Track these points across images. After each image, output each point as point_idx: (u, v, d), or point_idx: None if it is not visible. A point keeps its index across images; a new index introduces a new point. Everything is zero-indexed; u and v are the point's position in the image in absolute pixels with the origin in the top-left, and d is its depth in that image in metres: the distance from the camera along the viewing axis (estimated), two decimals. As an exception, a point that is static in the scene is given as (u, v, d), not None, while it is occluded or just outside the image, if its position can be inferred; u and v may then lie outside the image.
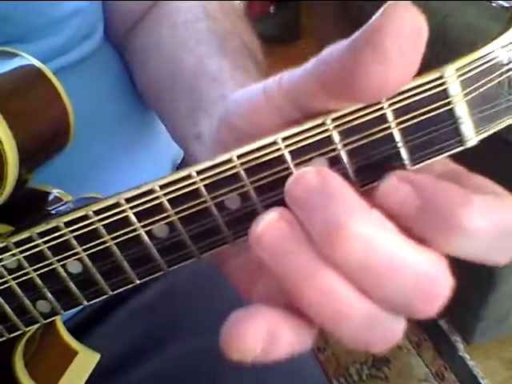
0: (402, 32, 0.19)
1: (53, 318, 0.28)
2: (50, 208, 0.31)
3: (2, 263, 0.26)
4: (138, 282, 0.26)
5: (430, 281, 0.20)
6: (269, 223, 0.21)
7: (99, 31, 0.46)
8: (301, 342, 0.22)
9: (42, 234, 0.25)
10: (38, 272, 0.26)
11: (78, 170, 0.43)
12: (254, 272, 0.26)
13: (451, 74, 0.21)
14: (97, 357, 0.38)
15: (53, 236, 0.25)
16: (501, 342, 1.17)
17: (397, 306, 0.21)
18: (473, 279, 1.05)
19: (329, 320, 0.21)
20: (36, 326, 0.29)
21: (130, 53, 0.47)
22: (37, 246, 0.26)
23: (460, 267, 0.21)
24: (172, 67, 0.40)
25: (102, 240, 0.25)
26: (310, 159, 0.23)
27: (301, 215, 0.21)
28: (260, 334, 0.21)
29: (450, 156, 0.23)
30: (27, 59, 0.32)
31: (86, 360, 0.38)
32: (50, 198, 0.33)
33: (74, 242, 0.25)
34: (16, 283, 0.27)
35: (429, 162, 0.22)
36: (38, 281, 0.27)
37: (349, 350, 1.18)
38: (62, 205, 0.31)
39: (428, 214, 0.20)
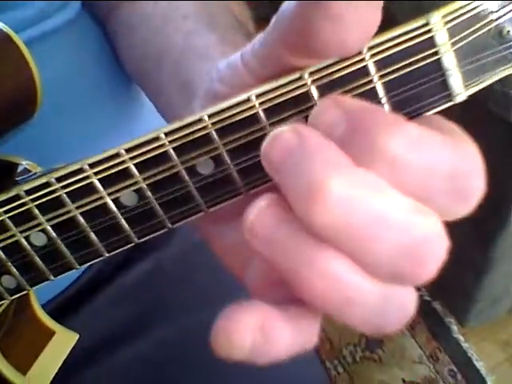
0: None
1: (20, 294, 0.27)
2: (17, 179, 0.30)
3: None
4: (107, 254, 0.25)
5: (422, 241, 0.18)
6: (258, 211, 0.19)
7: (76, 1, 0.44)
8: (302, 340, 0.21)
9: (2, 204, 0.24)
10: (1, 245, 0.25)
11: (55, 143, 0.42)
12: (246, 252, 0.25)
13: (437, 21, 0.19)
14: (75, 337, 0.37)
15: (14, 205, 0.24)
16: (496, 323, 1.17)
17: (390, 273, 0.19)
18: (467, 260, 1.05)
19: (339, 309, 0.19)
20: (3, 302, 0.28)
21: (113, 26, 0.45)
22: None
23: (455, 248, 0.20)
24: (158, 44, 0.38)
25: (66, 209, 0.23)
26: (287, 118, 0.21)
27: (281, 182, 0.19)
28: (249, 328, 0.19)
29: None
30: (-7, 24, 0.30)
31: (64, 340, 0.37)
32: (20, 169, 0.31)
33: (37, 212, 0.24)
34: (-22, 257, 0.25)
35: (415, 119, 0.21)
36: (1, 254, 0.25)
37: (342, 331, 1.17)
38: (31, 175, 0.30)
39: (355, 137, 0.18)
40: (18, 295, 0.27)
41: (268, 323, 0.19)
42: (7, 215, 0.24)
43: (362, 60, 0.20)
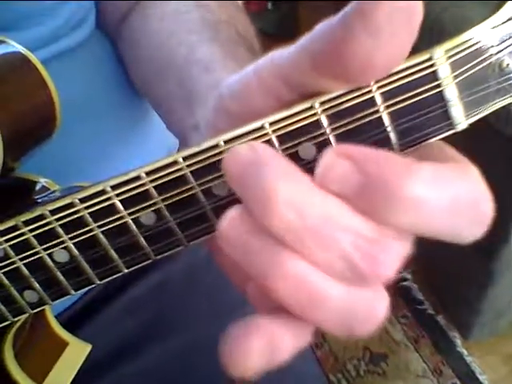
0: (396, 8, 0.18)
1: (41, 308, 0.28)
2: (37, 197, 0.31)
3: (-12, 253, 0.26)
4: (126, 270, 0.26)
5: (368, 241, 0.19)
6: (229, 219, 0.21)
7: (91, 20, 0.45)
8: (301, 341, 0.22)
9: (27, 223, 0.25)
10: (25, 261, 0.26)
11: (69, 160, 0.43)
12: None
13: (440, 56, 0.20)
14: (88, 348, 0.38)
15: (38, 224, 0.25)
16: (499, 337, 1.17)
17: (342, 272, 0.20)
18: (471, 274, 1.05)
19: (305, 309, 0.20)
20: (24, 316, 0.29)
21: (121, 43, 0.47)
22: (22, 234, 0.25)
23: (458, 262, 0.21)
24: (162, 58, 0.39)
25: (88, 228, 0.25)
26: (298, 144, 0.22)
27: (241, 193, 0.21)
28: (262, 349, 0.20)
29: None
30: (13, 46, 0.32)
31: (77, 351, 0.38)
32: (38, 187, 0.32)
33: (60, 231, 0.25)
34: (2, 273, 0.26)
35: (418, 146, 0.22)
36: (25, 270, 0.26)
37: (346, 345, 1.18)
38: (49, 194, 0.31)
39: (372, 188, 0.19)
40: (39, 309, 0.28)
41: (275, 340, 0.21)
42: (32, 233, 0.25)
43: (370, 91, 0.21)
